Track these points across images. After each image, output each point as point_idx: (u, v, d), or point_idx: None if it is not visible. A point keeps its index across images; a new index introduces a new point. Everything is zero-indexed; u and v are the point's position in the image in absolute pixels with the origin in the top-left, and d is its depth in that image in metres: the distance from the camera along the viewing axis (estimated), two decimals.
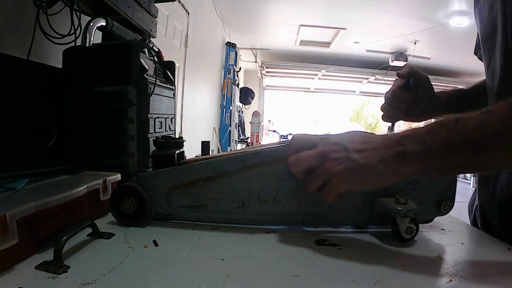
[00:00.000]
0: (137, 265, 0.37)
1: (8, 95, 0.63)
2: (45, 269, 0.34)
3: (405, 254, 0.42)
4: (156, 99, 0.77)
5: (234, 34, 5.06)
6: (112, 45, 0.73)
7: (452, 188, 0.51)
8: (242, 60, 6.13)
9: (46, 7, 0.63)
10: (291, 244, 0.45)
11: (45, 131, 0.66)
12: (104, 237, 0.44)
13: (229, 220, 0.51)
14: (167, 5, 2.05)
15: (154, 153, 0.59)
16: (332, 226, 0.52)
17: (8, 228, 0.33)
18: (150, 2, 0.95)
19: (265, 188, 0.49)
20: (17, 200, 0.38)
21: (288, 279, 0.35)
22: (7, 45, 0.67)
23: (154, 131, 0.76)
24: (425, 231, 0.52)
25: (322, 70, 6.55)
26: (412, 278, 0.36)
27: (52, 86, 0.70)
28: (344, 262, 0.40)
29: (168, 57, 0.98)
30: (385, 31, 4.51)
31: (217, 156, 0.51)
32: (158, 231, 0.48)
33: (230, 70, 4.63)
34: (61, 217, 0.42)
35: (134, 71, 0.67)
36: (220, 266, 0.37)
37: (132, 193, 0.49)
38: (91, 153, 0.68)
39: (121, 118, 0.65)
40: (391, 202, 0.47)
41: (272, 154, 0.49)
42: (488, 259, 0.41)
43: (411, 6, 3.63)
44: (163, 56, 0.95)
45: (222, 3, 3.83)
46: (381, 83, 7.21)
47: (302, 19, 4.36)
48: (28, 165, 0.54)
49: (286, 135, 6.04)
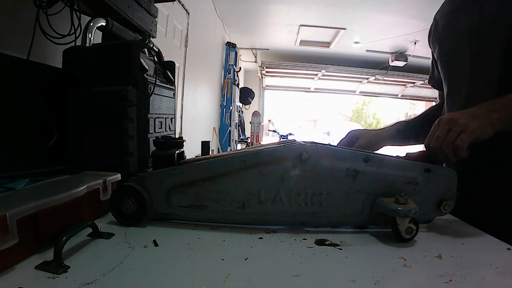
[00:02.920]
0: (137, 265, 0.37)
1: (8, 95, 0.63)
2: (45, 269, 0.34)
3: (405, 254, 0.42)
4: (156, 99, 0.77)
5: (234, 34, 5.06)
6: (112, 45, 0.73)
7: (452, 188, 0.51)
8: (242, 60, 6.13)
9: (46, 7, 0.63)
10: (291, 244, 0.45)
11: (45, 131, 0.66)
12: (104, 237, 0.44)
13: (229, 220, 0.51)
14: (167, 5, 2.05)
15: (154, 153, 0.59)
16: (332, 226, 0.52)
17: (8, 228, 0.33)
18: (150, 2, 0.95)
19: (265, 188, 0.49)
20: (17, 200, 0.38)
21: (288, 279, 0.35)
22: (7, 45, 0.66)
23: (154, 131, 0.76)
24: (425, 231, 0.52)
25: (322, 70, 6.54)
26: (412, 278, 0.36)
27: (52, 86, 0.70)
28: (344, 262, 0.40)
29: (168, 57, 0.98)
30: (385, 31, 4.51)
31: (217, 156, 0.51)
32: (158, 231, 0.48)
33: (230, 70, 4.63)
34: (61, 217, 0.42)
35: (134, 71, 0.67)
36: (220, 266, 0.37)
37: (132, 193, 0.49)
38: (91, 153, 0.68)
39: (121, 118, 0.65)
40: (391, 202, 0.47)
41: (272, 154, 0.49)
42: (488, 259, 0.41)
43: (411, 6, 3.62)
44: (163, 56, 0.95)
45: (222, 3, 3.83)
46: (381, 83, 7.21)
47: (302, 19, 4.36)
48: (28, 165, 0.54)
49: (286, 135, 6.02)
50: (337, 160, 0.50)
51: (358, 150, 0.53)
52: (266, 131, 7.86)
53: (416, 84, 6.99)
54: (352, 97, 10.88)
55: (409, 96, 8.25)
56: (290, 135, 6.05)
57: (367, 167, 0.50)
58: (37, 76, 0.67)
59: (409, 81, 6.92)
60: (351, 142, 0.79)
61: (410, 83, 7.08)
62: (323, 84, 8.00)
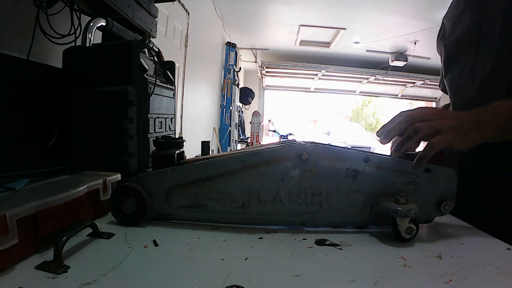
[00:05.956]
0: (137, 265, 0.37)
1: (8, 95, 0.63)
2: (45, 269, 0.34)
3: (405, 254, 0.42)
4: (156, 99, 0.77)
5: (234, 34, 5.06)
6: (112, 45, 0.73)
7: (452, 188, 0.51)
8: (242, 60, 6.13)
9: (46, 7, 0.63)
10: (291, 244, 0.45)
11: (45, 131, 0.66)
12: (104, 237, 0.44)
13: (229, 220, 0.51)
14: (167, 5, 2.05)
15: (154, 153, 0.59)
16: (332, 226, 0.52)
17: (8, 228, 0.33)
18: (150, 2, 0.95)
19: (265, 188, 0.49)
20: (17, 200, 0.38)
21: (288, 279, 0.35)
22: (7, 45, 0.67)
23: (154, 131, 0.76)
24: (425, 231, 0.52)
25: (322, 70, 6.55)
26: (412, 278, 0.36)
27: (52, 86, 0.70)
28: (344, 262, 0.40)
29: (168, 57, 0.98)
30: (385, 31, 4.51)
31: (217, 156, 0.51)
32: (158, 231, 0.48)
33: (230, 70, 4.63)
34: (61, 217, 0.42)
35: (134, 71, 0.67)
36: (220, 266, 0.37)
37: (132, 193, 0.49)
38: (91, 153, 0.68)
39: (121, 118, 0.65)
40: (391, 202, 0.47)
41: (272, 154, 0.49)
42: (488, 259, 0.41)
43: (411, 6, 3.62)
44: (163, 56, 0.95)
45: (222, 3, 3.83)
46: (381, 83, 7.21)
47: (302, 19, 4.36)
48: (28, 165, 0.54)
49: (286, 135, 6.02)
50: (337, 160, 0.50)
51: (358, 150, 0.53)
52: (266, 131, 7.86)
53: (416, 84, 6.99)
54: (352, 97, 10.88)
55: (409, 96, 8.26)
56: (290, 135, 6.06)
57: (367, 167, 0.50)
58: (37, 76, 0.67)
59: (409, 81, 6.93)
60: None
61: (410, 83, 7.09)
62: (323, 84, 8.00)
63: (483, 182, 0.63)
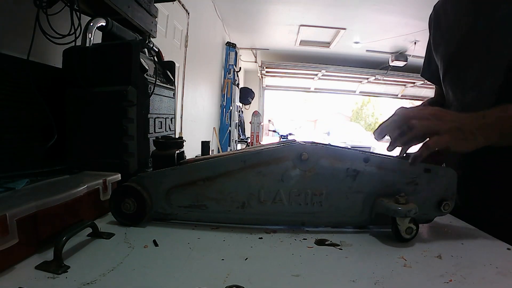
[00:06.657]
0: (137, 265, 0.37)
1: (8, 95, 0.63)
2: (45, 269, 0.34)
3: (405, 254, 0.42)
4: (156, 99, 0.77)
5: (234, 34, 5.06)
6: (112, 45, 0.73)
7: (452, 188, 0.51)
8: (242, 60, 6.13)
9: (46, 7, 0.63)
10: (291, 244, 0.45)
11: (45, 131, 0.66)
12: (104, 237, 0.44)
13: (229, 220, 0.51)
14: (167, 5, 2.05)
15: (154, 153, 0.59)
16: (332, 226, 0.52)
17: (8, 228, 0.33)
18: (150, 2, 0.95)
19: (265, 188, 0.49)
20: (17, 200, 0.38)
21: (288, 279, 0.35)
22: (7, 45, 0.67)
23: (154, 131, 0.76)
24: (425, 231, 0.52)
25: (322, 70, 6.55)
26: (412, 278, 0.36)
27: (52, 86, 0.70)
28: (344, 262, 0.40)
29: (168, 57, 0.98)
30: (385, 31, 4.51)
31: (217, 156, 0.51)
32: (158, 231, 0.48)
33: (230, 70, 4.63)
34: (61, 217, 0.42)
35: (134, 71, 0.67)
36: (220, 266, 0.37)
37: (132, 193, 0.49)
38: (91, 153, 0.68)
39: (121, 118, 0.65)
40: (391, 202, 0.47)
41: (272, 154, 0.49)
42: (488, 259, 0.41)
43: (411, 6, 3.62)
44: (163, 56, 0.95)
45: (222, 3, 3.83)
46: (381, 83, 7.22)
47: (302, 19, 4.36)
48: (28, 165, 0.54)
49: (286, 135, 6.02)
50: (337, 160, 0.50)
51: (358, 150, 0.53)
52: (266, 131, 7.86)
53: (416, 84, 6.99)
54: (352, 97, 10.88)
55: (409, 96, 8.26)
56: (290, 135, 6.06)
57: (367, 167, 0.50)
58: (37, 76, 0.67)
59: (409, 81, 6.93)
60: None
61: (410, 83, 7.09)
62: (323, 84, 8.01)
63: (483, 182, 0.63)
